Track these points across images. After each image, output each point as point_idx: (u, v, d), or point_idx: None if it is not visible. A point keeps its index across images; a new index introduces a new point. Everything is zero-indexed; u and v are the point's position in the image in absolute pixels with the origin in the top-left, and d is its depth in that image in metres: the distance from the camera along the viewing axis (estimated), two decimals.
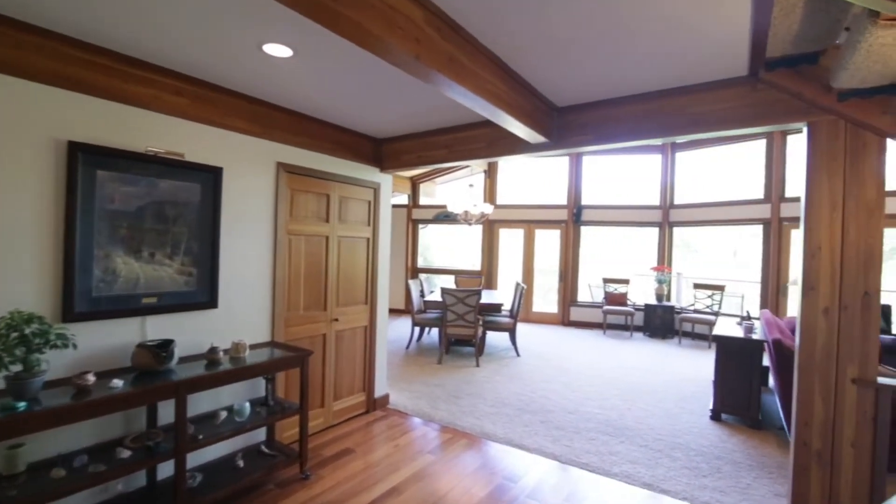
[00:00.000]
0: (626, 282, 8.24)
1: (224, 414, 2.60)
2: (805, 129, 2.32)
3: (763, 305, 7.01)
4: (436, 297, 6.43)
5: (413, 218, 9.76)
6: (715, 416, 3.98)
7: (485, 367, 5.50)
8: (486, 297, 6.36)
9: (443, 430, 3.66)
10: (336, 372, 3.68)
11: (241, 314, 2.93)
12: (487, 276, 9.10)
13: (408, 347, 6.37)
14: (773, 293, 6.86)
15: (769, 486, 2.88)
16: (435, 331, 7.44)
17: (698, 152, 8.04)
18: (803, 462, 2.29)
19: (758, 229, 7.18)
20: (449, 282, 9.13)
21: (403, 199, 9.87)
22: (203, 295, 2.67)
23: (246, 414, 2.62)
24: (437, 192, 10.18)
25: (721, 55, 2.24)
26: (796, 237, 6.77)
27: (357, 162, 3.79)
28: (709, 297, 7.44)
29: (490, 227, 9.20)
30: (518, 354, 6.10)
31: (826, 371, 2.24)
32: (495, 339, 6.99)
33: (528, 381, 4.94)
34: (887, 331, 5.41)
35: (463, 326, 5.54)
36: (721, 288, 7.30)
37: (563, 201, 8.80)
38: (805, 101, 2.26)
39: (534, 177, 9.49)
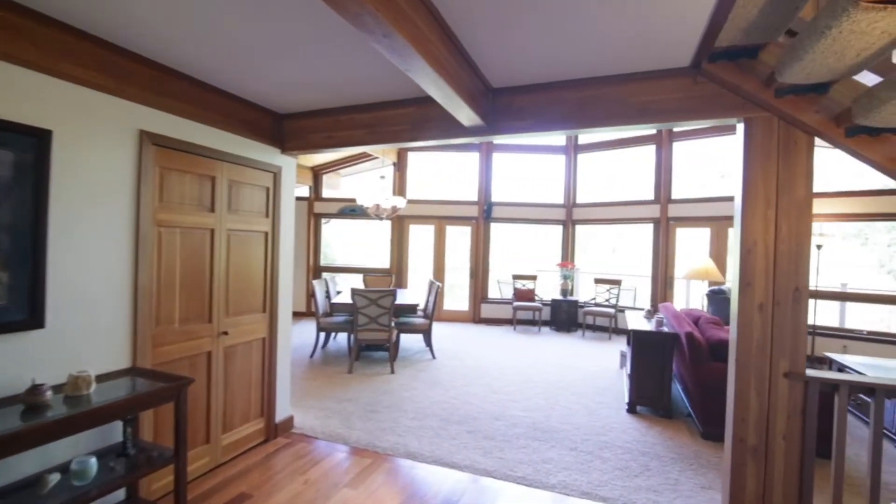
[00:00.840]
0: (533, 278, 8.42)
1: (55, 478, 1.84)
2: (741, 126, 2.31)
3: (654, 297, 7.63)
4: (344, 298, 5.84)
5: (315, 212, 8.93)
6: (631, 408, 4.07)
7: (401, 373, 5.09)
8: (401, 298, 5.94)
9: (361, 455, 3.18)
10: (226, 397, 2.98)
11: (84, 335, 2.15)
12: (398, 274, 8.68)
13: (312, 356, 5.69)
14: (661, 286, 7.49)
15: (693, 478, 2.92)
16: (342, 335, 6.82)
17: (598, 154, 8.51)
18: (740, 459, 2.28)
19: (649, 227, 7.79)
20: (356, 281, 8.52)
21: (305, 190, 8.98)
22: (17, 311, 1.87)
23: (91, 475, 1.89)
24: (341, 185, 9.46)
25: (670, 42, 2.11)
26: (682, 235, 7.48)
27: (253, 139, 3.12)
28: (607, 290, 7.90)
29: (400, 223, 8.78)
30: (434, 357, 5.79)
31: (761, 366, 2.25)
32: (409, 341, 6.60)
33: (448, 387, 4.64)
34: None
35: (376, 330, 5.06)
36: (618, 282, 7.79)
37: (474, 197, 8.72)
38: (742, 95, 2.23)
39: (444, 172, 9.29)
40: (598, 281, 8.04)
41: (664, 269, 7.48)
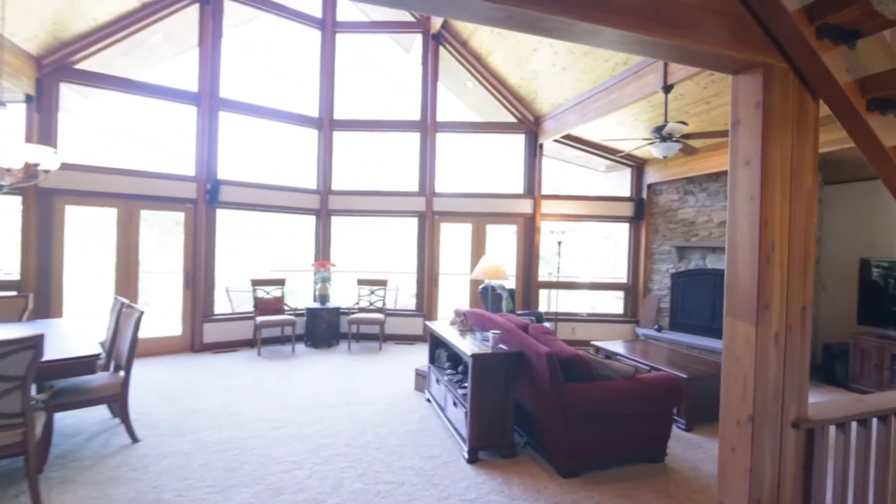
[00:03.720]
0: (280, 283, 6.52)
1: None
2: (750, 80, 1.60)
3: (420, 297, 7.10)
4: None
5: None
6: (472, 457, 3.12)
7: (56, 501, 2.51)
8: (54, 348, 3.09)
9: None
10: None
11: None
12: (42, 293, 5.04)
13: None
14: (428, 285, 7.03)
15: None
16: None
17: (358, 136, 7.31)
18: None
19: (413, 221, 7.20)
20: None
21: None
22: None
23: None
24: None
25: None
26: (446, 230, 7.20)
27: None
28: (371, 293, 6.89)
29: (48, 203, 5.13)
30: (136, 439, 3.30)
31: (774, 415, 1.61)
32: (80, 418, 3.68)
33: None
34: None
35: None
36: (384, 283, 6.89)
37: (191, 171, 6.01)
38: (775, 26, 1.51)
39: (138, 126, 6.08)
40: (361, 282, 6.90)
41: (430, 267, 7.05)
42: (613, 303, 7.69)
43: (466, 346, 3.37)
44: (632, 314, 7.11)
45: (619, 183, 7.42)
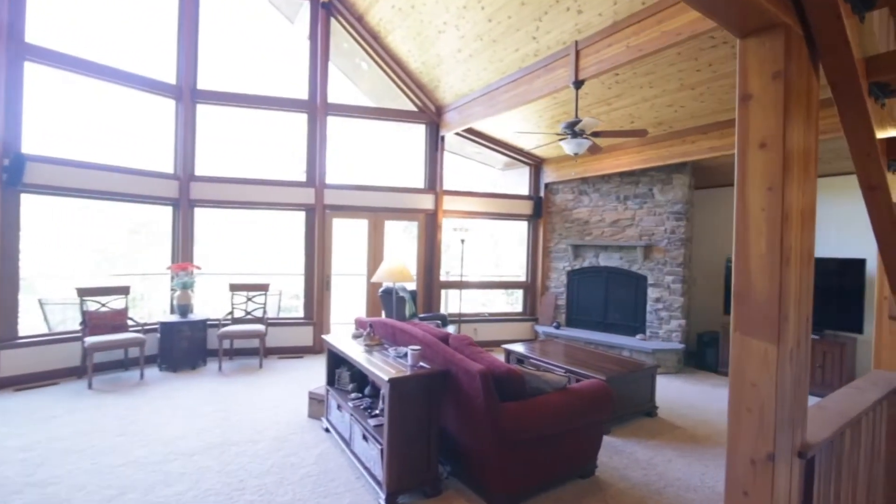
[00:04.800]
0: (123, 291, 5.10)
1: None
2: (757, 43, 1.32)
3: (309, 303, 6.20)
4: None
5: None
6: (391, 501, 2.55)
7: None
8: None
9: None
10: None
11: None
12: None
13: None
14: (319, 287, 6.17)
15: None
16: None
17: (230, 112, 6.09)
18: None
19: (300, 215, 6.26)
20: None
21: None
22: None
23: None
24: None
25: None
26: (339, 226, 6.41)
27: None
28: (248, 300, 5.81)
29: None
30: None
31: (787, 448, 1.35)
32: None
33: None
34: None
35: None
36: (265, 287, 5.85)
37: None
38: None
39: None
40: (235, 287, 5.77)
41: (321, 268, 6.20)
42: (511, 301, 7.70)
43: (378, 366, 2.77)
44: (531, 312, 7.15)
45: (516, 181, 7.42)
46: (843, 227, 4.99)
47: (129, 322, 5.05)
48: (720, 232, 6.15)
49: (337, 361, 3.63)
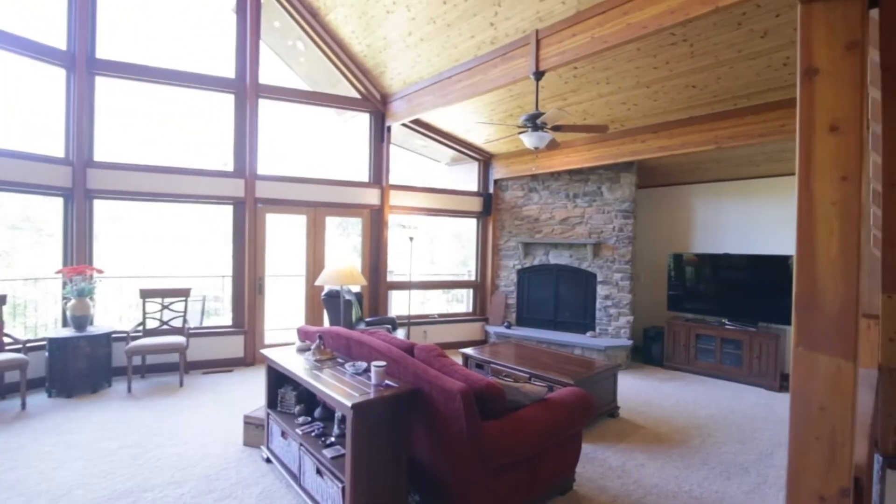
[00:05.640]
0: None
1: None
2: (827, 7, 1.12)
3: (239, 308, 5.49)
4: None
5: None
6: None
7: None
8: None
9: None
10: None
11: None
12: None
13: None
14: (250, 291, 5.48)
15: None
16: None
17: (136, 88, 5.19)
18: None
19: (228, 209, 5.52)
20: None
21: None
22: None
23: None
24: None
25: None
26: (274, 222, 5.74)
27: None
28: (164, 307, 5.00)
29: None
30: None
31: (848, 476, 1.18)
32: None
33: None
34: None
35: None
36: (184, 292, 5.07)
37: None
38: None
39: None
40: (147, 293, 4.93)
41: (253, 268, 5.51)
42: (449, 299, 7.47)
43: (335, 387, 2.35)
44: (480, 312, 6.97)
45: (463, 177, 7.18)
46: (776, 226, 5.31)
47: (6, 338, 4.09)
48: (662, 230, 6.35)
49: (279, 380, 3.13)
